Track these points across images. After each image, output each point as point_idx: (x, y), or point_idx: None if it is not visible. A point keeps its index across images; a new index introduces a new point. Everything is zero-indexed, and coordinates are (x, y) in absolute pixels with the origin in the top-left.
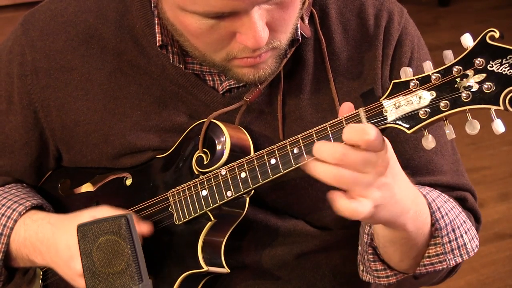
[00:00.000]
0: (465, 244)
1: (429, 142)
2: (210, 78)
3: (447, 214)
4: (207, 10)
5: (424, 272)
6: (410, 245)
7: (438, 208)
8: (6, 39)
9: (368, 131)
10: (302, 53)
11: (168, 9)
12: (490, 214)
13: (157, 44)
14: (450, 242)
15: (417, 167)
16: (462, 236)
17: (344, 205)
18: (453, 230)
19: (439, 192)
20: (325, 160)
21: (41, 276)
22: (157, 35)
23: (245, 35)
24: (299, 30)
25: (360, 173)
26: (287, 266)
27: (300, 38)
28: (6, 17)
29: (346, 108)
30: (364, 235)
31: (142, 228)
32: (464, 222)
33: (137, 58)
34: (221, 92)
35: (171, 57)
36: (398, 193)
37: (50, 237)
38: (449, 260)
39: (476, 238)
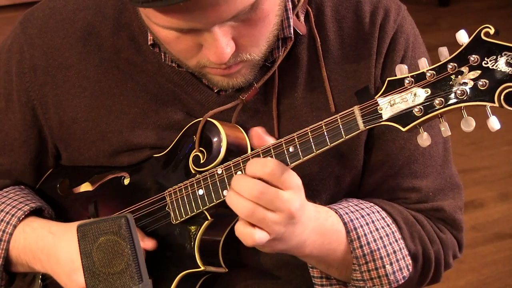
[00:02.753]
0: (386, 275)
1: (424, 140)
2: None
3: (369, 243)
4: (167, 25)
5: None
6: (325, 265)
7: (358, 237)
8: (6, 37)
9: (267, 164)
10: (297, 51)
11: (141, 14)
12: (490, 214)
13: (149, 43)
14: (369, 271)
15: (401, 167)
16: (384, 266)
17: (241, 230)
18: (373, 260)
19: (385, 214)
20: (242, 195)
21: (40, 277)
22: (148, 34)
23: (208, 50)
24: (291, 28)
25: (271, 212)
26: (287, 266)
27: (293, 37)
28: (6, 17)
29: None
30: None
31: (146, 243)
32: (394, 252)
33: (134, 56)
34: (216, 91)
35: (163, 56)
36: (298, 229)
37: (51, 247)
38: (369, 287)
39: (407, 270)
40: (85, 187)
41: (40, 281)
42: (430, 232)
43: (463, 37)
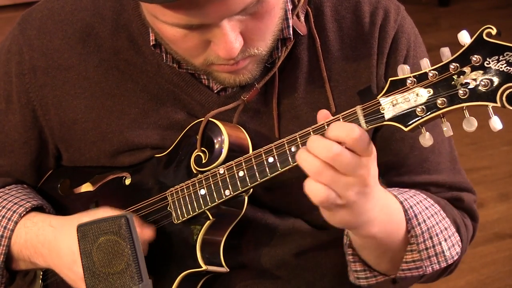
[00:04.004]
0: (443, 252)
1: (426, 139)
2: (204, 77)
3: (425, 221)
4: (176, 22)
5: (403, 276)
6: (382, 250)
7: (416, 215)
8: (5, 38)
9: (354, 129)
10: (297, 51)
11: (146, 14)
12: (490, 214)
13: (151, 44)
14: (426, 249)
15: (412, 165)
16: (440, 243)
17: (311, 185)
18: (431, 237)
19: (425, 196)
20: (316, 155)
21: (41, 276)
22: (150, 34)
23: (217, 46)
24: (290, 29)
25: (343, 175)
26: (286, 266)
27: (292, 37)
28: (6, 17)
29: (322, 115)
30: (344, 236)
31: (145, 232)
32: (446, 229)
33: (133, 57)
34: (215, 91)
35: (164, 56)
36: (370, 203)
37: (51, 240)
38: (425, 266)
39: (458, 245)
40: (86, 187)
41: (40, 281)
42: (458, 215)
43: (465, 37)
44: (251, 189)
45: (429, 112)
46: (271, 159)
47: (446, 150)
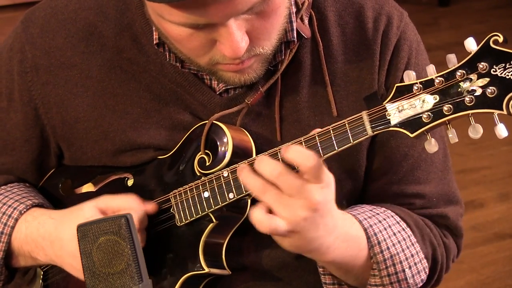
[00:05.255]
0: (406, 279)
1: (432, 146)
2: (207, 77)
3: (388, 248)
4: (183, 21)
5: None
6: (343, 271)
7: (379, 242)
8: (8, 37)
9: (310, 158)
10: (299, 55)
11: (151, 13)
12: (490, 214)
13: (154, 42)
14: (388, 275)
15: (404, 173)
16: (404, 270)
17: (257, 215)
18: (393, 265)
19: (399, 219)
20: (261, 173)
21: (41, 276)
22: (154, 33)
23: (223, 45)
24: (294, 32)
25: (288, 196)
26: (287, 267)
27: (296, 40)
28: (6, 17)
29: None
30: None
31: (147, 207)
32: (412, 256)
33: (136, 56)
34: (218, 92)
35: (167, 56)
36: (322, 230)
37: (52, 232)
38: None
39: (425, 272)
40: (88, 187)
41: (41, 280)
42: (437, 235)
43: (471, 44)
44: None
45: (436, 119)
46: None
47: (439, 159)
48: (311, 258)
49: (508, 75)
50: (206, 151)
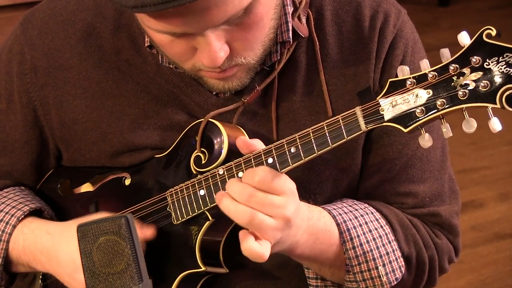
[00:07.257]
0: (379, 276)
1: (425, 141)
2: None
3: (361, 245)
4: (159, 29)
5: None
6: (317, 265)
7: (351, 239)
8: (6, 38)
9: (256, 173)
10: (296, 54)
11: (137, 17)
12: (490, 214)
13: (146, 45)
14: (361, 272)
15: (398, 171)
16: (377, 268)
17: (250, 247)
18: (366, 261)
19: (379, 215)
20: (234, 198)
21: (40, 277)
22: (146, 36)
23: (202, 53)
24: (290, 32)
25: (264, 214)
26: (286, 266)
27: (291, 40)
28: (6, 17)
29: (243, 143)
30: None
31: (146, 232)
32: (387, 253)
33: (134, 57)
34: (214, 93)
35: (160, 58)
36: (292, 230)
37: (50, 248)
38: None
39: (401, 271)
40: (86, 187)
41: (40, 281)
42: (425, 236)
43: (464, 38)
44: None
45: (429, 113)
46: (270, 160)
47: (436, 158)
48: (283, 253)
49: (501, 69)
50: (202, 149)
